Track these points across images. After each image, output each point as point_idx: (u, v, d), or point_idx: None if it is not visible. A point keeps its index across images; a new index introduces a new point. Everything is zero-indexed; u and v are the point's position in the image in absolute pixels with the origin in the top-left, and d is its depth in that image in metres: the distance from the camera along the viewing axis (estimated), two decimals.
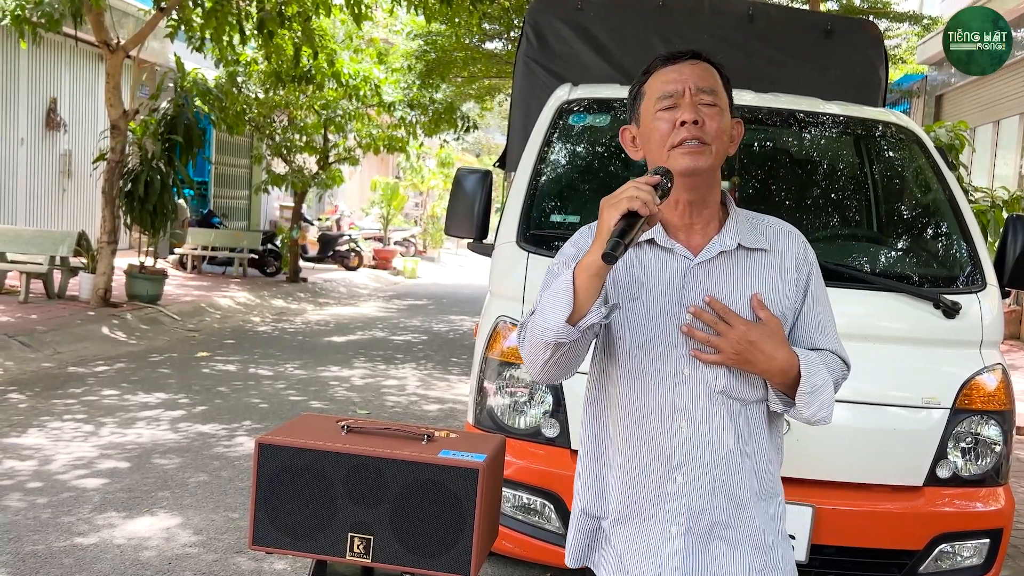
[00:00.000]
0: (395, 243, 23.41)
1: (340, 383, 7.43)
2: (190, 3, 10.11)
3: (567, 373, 1.66)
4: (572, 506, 1.82)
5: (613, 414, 1.72)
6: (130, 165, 10.24)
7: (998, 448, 3.03)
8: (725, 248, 1.67)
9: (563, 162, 3.72)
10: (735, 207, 1.74)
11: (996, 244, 3.97)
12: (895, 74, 17.50)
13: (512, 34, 14.52)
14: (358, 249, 19.36)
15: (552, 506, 2.99)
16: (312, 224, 18.45)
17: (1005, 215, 6.64)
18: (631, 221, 1.48)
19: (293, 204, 16.26)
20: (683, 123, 1.61)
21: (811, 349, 1.70)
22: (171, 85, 11.18)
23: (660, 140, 1.65)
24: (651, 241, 1.69)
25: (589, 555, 1.80)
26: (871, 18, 13.60)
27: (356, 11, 9.82)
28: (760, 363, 1.62)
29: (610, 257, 1.45)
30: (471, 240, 3.65)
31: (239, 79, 13.69)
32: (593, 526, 1.78)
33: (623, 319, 1.67)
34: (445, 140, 19.78)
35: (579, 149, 3.82)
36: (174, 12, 10.13)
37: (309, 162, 16.23)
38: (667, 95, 1.65)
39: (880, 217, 3.88)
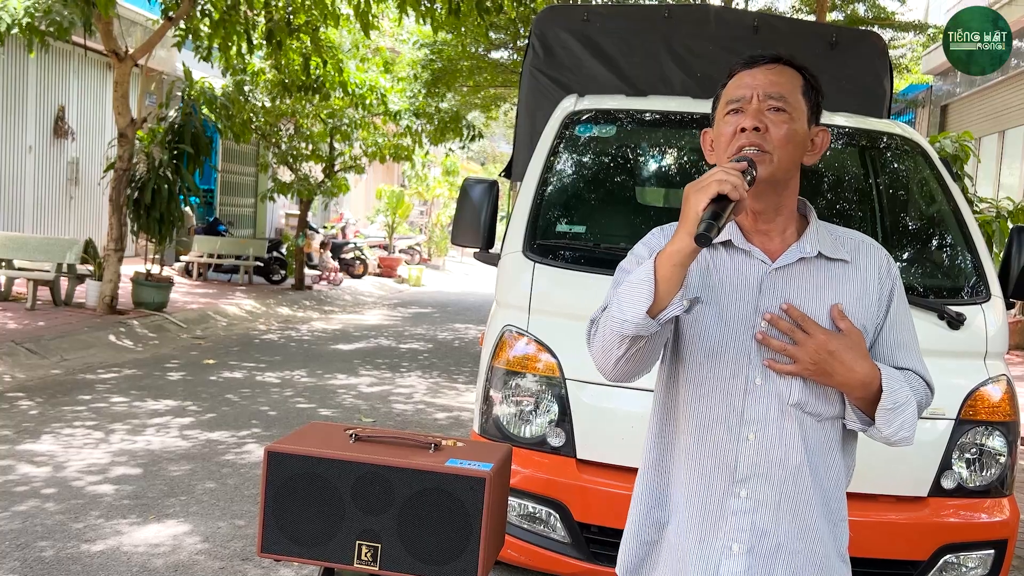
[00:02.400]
0: (400, 251, 23.45)
1: (347, 391, 7.45)
2: (198, 13, 10.20)
3: (640, 372, 1.57)
4: (629, 513, 1.75)
5: (679, 422, 1.65)
6: (137, 173, 10.30)
7: (1003, 459, 3.04)
8: (805, 255, 1.60)
9: (569, 172, 3.74)
10: (816, 217, 1.67)
11: (1001, 255, 3.98)
12: (900, 84, 17.53)
13: (518, 43, 14.58)
14: (363, 257, 19.41)
15: (557, 515, 3.00)
16: (318, 232, 18.49)
17: (1010, 226, 6.64)
18: (722, 205, 1.41)
19: (299, 212, 16.31)
20: (743, 129, 1.57)
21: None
22: (179, 94, 11.26)
23: (724, 144, 1.60)
24: (727, 243, 1.62)
25: (641, 567, 1.72)
26: (876, 29, 13.62)
27: (364, 20, 9.89)
28: (839, 375, 1.53)
29: (704, 239, 1.37)
30: (477, 249, 3.66)
31: (246, 88, 13.77)
32: (653, 537, 1.70)
33: (694, 323, 1.59)
34: (450, 149, 19.78)
35: (585, 159, 3.84)
36: (182, 22, 10.21)
37: (315, 170, 16.28)
38: (735, 99, 1.60)
39: (885, 228, 3.89)
